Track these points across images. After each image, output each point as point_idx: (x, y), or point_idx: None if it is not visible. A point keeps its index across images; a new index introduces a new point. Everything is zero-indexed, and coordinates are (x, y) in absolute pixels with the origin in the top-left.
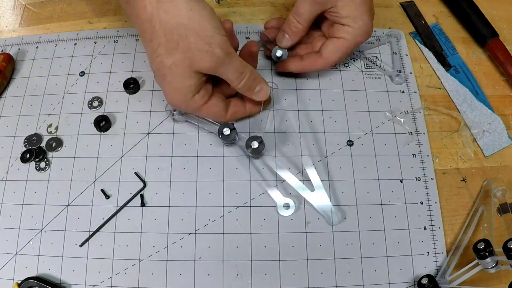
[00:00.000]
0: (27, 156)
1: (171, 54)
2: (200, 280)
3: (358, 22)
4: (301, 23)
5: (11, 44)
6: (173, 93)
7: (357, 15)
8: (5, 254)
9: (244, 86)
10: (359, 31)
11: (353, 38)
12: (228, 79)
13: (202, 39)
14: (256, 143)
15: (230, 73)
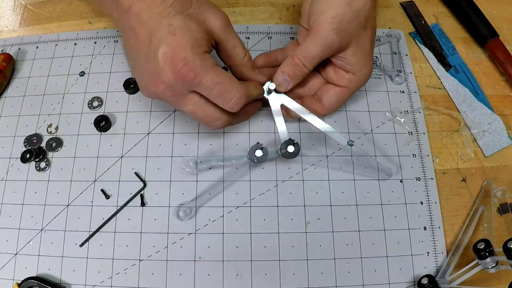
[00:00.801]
0: (27, 156)
1: (185, 8)
2: (200, 280)
3: (364, 70)
4: (308, 67)
5: (11, 44)
6: (185, 44)
7: (364, 63)
8: (5, 254)
9: (249, 61)
10: (363, 78)
11: (355, 87)
12: (236, 47)
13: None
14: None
15: (237, 39)
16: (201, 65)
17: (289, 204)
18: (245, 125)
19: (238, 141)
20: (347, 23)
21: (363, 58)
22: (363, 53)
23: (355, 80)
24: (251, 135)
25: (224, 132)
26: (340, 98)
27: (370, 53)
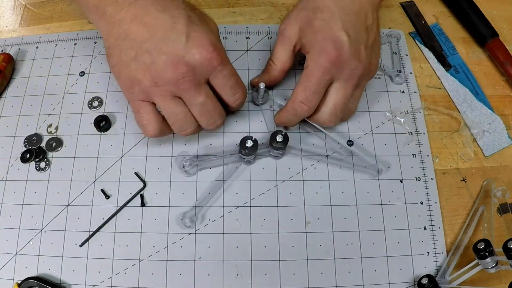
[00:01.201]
0: (27, 156)
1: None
2: (200, 280)
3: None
4: (273, 60)
5: (11, 44)
6: (211, 32)
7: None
8: (5, 254)
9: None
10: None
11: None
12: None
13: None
14: (281, 136)
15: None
16: (224, 54)
17: (289, 204)
18: (245, 125)
19: (238, 141)
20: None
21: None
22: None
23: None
24: (251, 135)
25: (224, 132)
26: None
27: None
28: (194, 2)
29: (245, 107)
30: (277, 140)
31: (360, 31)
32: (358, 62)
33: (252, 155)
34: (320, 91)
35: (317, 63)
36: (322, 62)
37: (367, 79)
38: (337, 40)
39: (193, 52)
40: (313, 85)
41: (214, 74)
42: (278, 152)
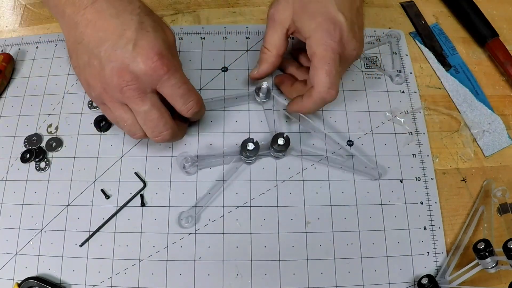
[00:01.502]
0: (27, 156)
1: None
2: (200, 280)
3: (313, 28)
4: (268, 47)
5: (11, 44)
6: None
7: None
8: (5, 254)
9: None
10: (318, 36)
11: (318, 48)
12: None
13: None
14: (282, 139)
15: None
16: (172, 63)
17: (289, 204)
18: (245, 125)
19: (238, 141)
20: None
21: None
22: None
23: (314, 43)
24: (251, 135)
25: (224, 132)
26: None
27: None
28: (195, 2)
29: (245, 107)
30: (278, 143)
31: (353, 12)
32: (356, 42)
33: (253, 157)
34: (339, 71)
35: (326, 45)
36: (330, 43)
37: (355, 60)
38: (336, 22)
39: (138, 60)
40: (333, 68)
41: (161, 83)
42: (278, 154)
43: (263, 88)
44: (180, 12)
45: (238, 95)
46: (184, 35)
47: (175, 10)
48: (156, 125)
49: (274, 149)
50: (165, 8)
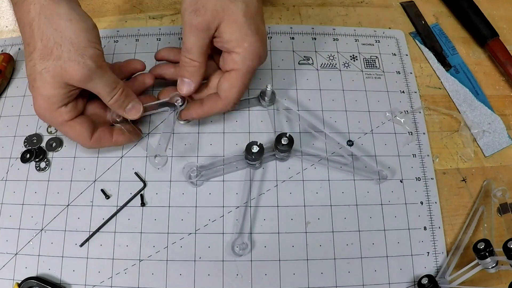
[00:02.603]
0: (27, 156)
1: (44, 60)
2: (200, 280)
3: (244, 45)
4: (195, 59)
5: (11, 44)
6: (40, 100)
7: (240, 37)
8: (5, 254)
9: (115, 103)
10: (247, 55)
11: (243, 66)
12: (100, 94)
13: (76, 50)
14: (286, 139)
15: (101, 87)
16: (51, 120)
17: (289, 204)
18: (245, 125)
19: (238, 142)
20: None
21: (238, 32)
22: (237, 26)
23: (240, 59)
24: (251, 135)
25: (224, 133)
26: (233, 84)
27: (246, 25)
28: None
29: (245, 107)
30: (282, 143)
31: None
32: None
33: (258, 160)
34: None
35: (250, 67)
36: (255, 67)
37: None
38: (265, 43)
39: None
40: (245, 87)
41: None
42: (283, 155)
43: (267, 91)
44: (180, 12)
45: None
46: None
47: (175, 10)
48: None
49: (279, 149)
50: (165, 8)
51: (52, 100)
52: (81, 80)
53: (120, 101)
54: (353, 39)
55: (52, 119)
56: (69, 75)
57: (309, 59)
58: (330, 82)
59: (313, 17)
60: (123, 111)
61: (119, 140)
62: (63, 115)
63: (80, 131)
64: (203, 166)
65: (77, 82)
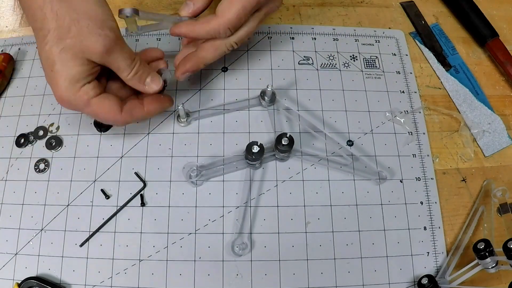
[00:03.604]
0: (21, 141)
1: (61, 39)
2: (200, 280)
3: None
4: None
5: (11, 44)
6: (62, 82)
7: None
8: (5, 254)
9: (135, 75)
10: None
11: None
12: (119, 68)
13: (94, 23)
14: (286, 139)
15: (122, 59)
16: (76, 103)
17: (289, 204)
18: (245, 125)
19: (238, 141)
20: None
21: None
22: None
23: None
24: (251, 135)
25: (224, 133)
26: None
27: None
28: None
29: (245, 107)
30: (282, 143)
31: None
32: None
33: (258, 160)
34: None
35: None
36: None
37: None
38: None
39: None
40: (246, 15)
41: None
42: (283, 155)
43: (268, 91)
44: None
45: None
46: None
47: (175, 10)
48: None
49: (279, 149)
50: (165, 8)
51: (75, 78)
52: (103, 52)
53: (139, 73)
54: (353, 39)
55: (78, 100)
56: (90, 49)
57: (309, 59)
58: (330, 82)
59: (313, 17)
60: (143, 85)
61: (151, 109)
62: (88, 92)
63: (109, 104)
64: (203, 166)
65: (99, 56)
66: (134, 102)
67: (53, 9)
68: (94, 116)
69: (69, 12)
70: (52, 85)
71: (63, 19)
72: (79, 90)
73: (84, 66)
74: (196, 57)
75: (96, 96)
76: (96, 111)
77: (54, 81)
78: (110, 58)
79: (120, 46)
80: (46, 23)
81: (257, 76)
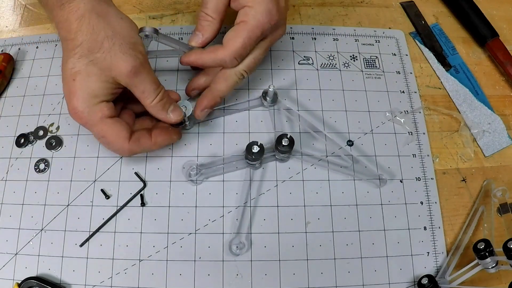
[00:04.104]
0: (21, 141)
1: (92, 53)
2: (200, 280)
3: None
4: (210, 14)
5: (11, 44)
6: (80, 94)
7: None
8: (5, 254)
9: (159, 102)
10: (258, 8)
11: (252, 19)
12: (144, 93)
13: (127, 43)
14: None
15: (148, 83)
16: (89, 117)
17: (289, 204)
18: (245, 125)
19: (238, 141)
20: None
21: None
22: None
23: (250, 12)
24: (251, 135)
25: (224, 133)
26: (238, 34)
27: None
28: (195, 2)
29: (245, 107)
30: (283, 143)
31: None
32: (284, 24)
33: (258, 160)
34: (252, 49)
35: (260, 22)
36: (264, 23)
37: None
38: (280, 5)
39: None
40: (251, 44)
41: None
42: (283, 156)
43: (270, 91)
44: (180, 12)
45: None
46: (184, 35)
47: (175, 10)
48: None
49: (279, 150)
50: (165, 8)
51: (95, 92)
52: (131, 73)
53: (164, 101)
54: (353, 39)
55: (91, 115)
56: (119, 67)
57: (309, 59)
58: (330, 82)
59: (313, 17)
60: (165, 114)
61: (159, 140)
62: (103, 110)
63: (119, 129)
64: (203, 165)
65: (125, 76)
66: (142, 132)
67: (91, 22)
68: (101, 137)
69: (105, 28)
70: (70, 95)
71: (98, 34)
72: (95, 105)
73: (107, 83)
74: (211, 92)
75: (111, 117)
76: (105, 132)
77: (73, 91)
78: (136, 80)
79: (147, 70)
80: (80, 34)
81: (257, 76)
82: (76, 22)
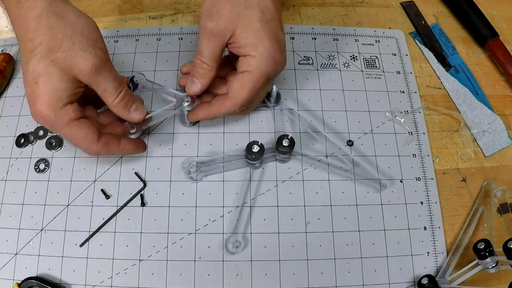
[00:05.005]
0: (21, 141)
1: (52, 53)
2: (200, 280)
3: (259, 49)
4: (207, 62)
5: (11, 44)
6: (44, 98)
7: (256, 41)
8: (5, 254)
9: (121, 101)
10: (262, 58)
11: (256, 69)
12: (106, 91)
13: (87, 41)
14: (287, 140)
15: (110, 82)
16: (55, 121)
17: (289, 204)
18: (245, 125)
19: (238, 141)
20: (219, 6)
21: (254, 37)
22: (252, 32)
23: (253, 62)
24: (251, 135)
25: (224, 133)
26: (243, 85)
27: (261, 30)
28: (195, 2)
29: None
30: (283, 144)
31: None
32: (283, 67)
33: (258, 159)
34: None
35: (264, 71)
36: (269, 72)
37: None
38: (282, 49)
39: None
40: (257, 91)
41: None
42: (284, 157)
43: (273, 91)
44: (180, 12)
45: None
46: (184, 35)
47: (175, 10)
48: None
49: (280, 151)
50: (165, 8)
51: (58, 95)
52: (92, 71)
53: (126, 99)
54: (353, 39)
55: (58, 119)
56: (79, 66)
57: (309, 59)
58: (330, 82)
59: (313, 17)
60: (128, 113)
61: (126, 148)
62: (69, 113)
63: (87, 131)
64: (203, 162)
65: (87, 74)
66: (113, 137)
67: (49, 21)
68: (69, 139)
69: (64, 27)
70: (34, 98)
71: (56, 33)
72: (61, 109)
73: (69, 83)
74: (209, 110)
75: (77, 119)
76: (73, 135)
77: (37, 94)
78: (98, 78)
79: (108, 68)
80: (39, 34)
81: None
82: (34, 21)
